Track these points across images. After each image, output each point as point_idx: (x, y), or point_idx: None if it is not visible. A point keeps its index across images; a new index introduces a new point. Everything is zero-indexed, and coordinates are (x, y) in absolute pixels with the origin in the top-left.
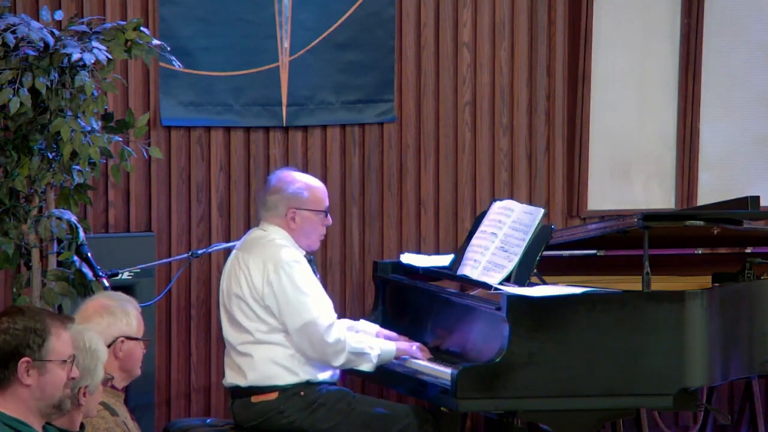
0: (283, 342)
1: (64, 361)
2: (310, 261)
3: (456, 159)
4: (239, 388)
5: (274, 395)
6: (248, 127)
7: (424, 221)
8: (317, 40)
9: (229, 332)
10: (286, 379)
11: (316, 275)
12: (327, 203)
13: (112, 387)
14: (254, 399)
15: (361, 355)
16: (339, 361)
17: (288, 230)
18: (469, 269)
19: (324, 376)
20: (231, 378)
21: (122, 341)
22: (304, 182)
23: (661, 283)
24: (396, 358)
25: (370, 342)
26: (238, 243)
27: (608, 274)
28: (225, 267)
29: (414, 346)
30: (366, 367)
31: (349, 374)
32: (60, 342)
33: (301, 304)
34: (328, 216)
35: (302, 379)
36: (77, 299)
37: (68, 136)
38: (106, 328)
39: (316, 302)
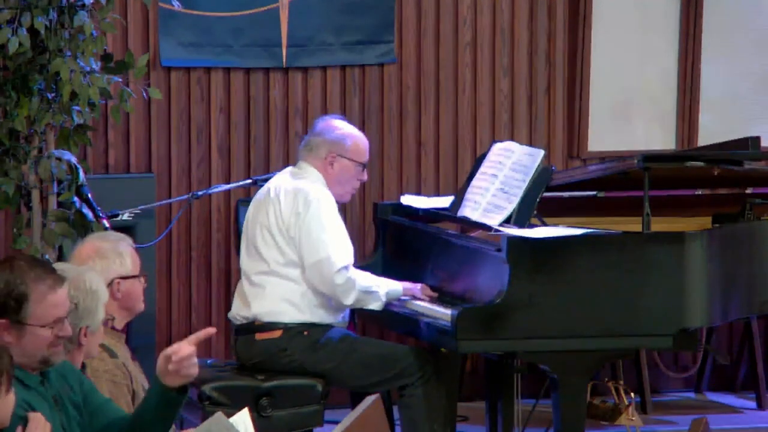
0: (296, 278)
1: (49, 325)
2: None
3: (456, 100)
4: (243, 323)
5: (278, 333)
6: (248, 68)
7: (425, 163)
8: None
9: (245, 262)
10: (292, 316)
11: None
12: (367, 157)
13: (113, 328)
14: (258, 336)
15: (370, 293)
16: (349, 299)
17: (324, 174)
18: (470, 211)
19: (331, 320)
20: (237, 309)
21: (119, 282)
22: (350, 131)
23: (661, 224)
24: (404, 295)
25: (377, 281)
26: (272, 177)
27: (608, 216)
28: (254, 200)
29: (418, 286)
30: (375, 305)
31: (358, 317)
32: (42, 306)
33: (320, 241)
34: (365, 171)
35: (308, 320)
36: (77, 240)
37: (67, 77)
38: (101, 272)
39: (335, 242)
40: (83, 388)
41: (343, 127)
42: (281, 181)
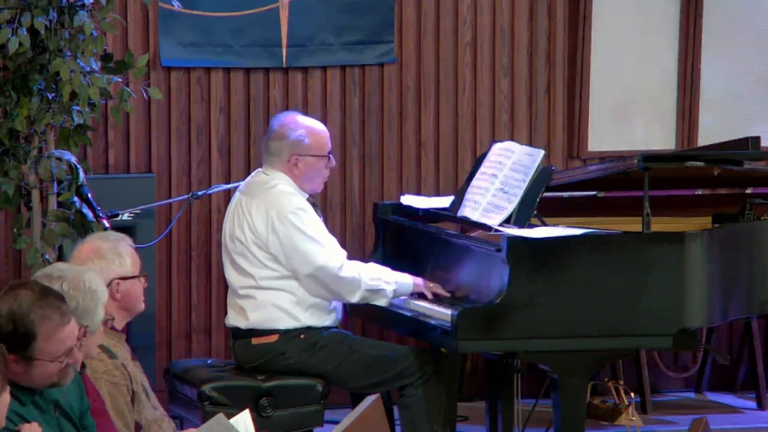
0: (287, 287)
1: (58, 358)
2: (313, 205)
3: (456, 100)
4: (240, 330)
5: (274, 337)
6: (248, 68)
7: (425, 163)
8: None
9: (231, 274)
10: (287, 323)
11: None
12: (329, 146)
13: (112, 328)
14: (254, 341)
15: (376, 291)
16: (355, 297)
17: (291, 176)
18: (470, 211)
19: (326, 321)
20: (233, 319)
21: (118, 283)
22: (306, 127)
23: (661, 224)
24: (413, 293)
25: (387, 276)
26: (241, 185)
27: (608, 216)
28: (228, 208)
29: (431, 285)
30: (381, 302)
31: (351, 317)
32: (50, 343)
33: (310, 251)
34: (332, 158)
35: (303, 324)
36: (77, 240)
37: (67, 77)
38: (100, 273)
39: (323, 246)
40: (82, 407)
41: (299, 125)
42: (250, 192)
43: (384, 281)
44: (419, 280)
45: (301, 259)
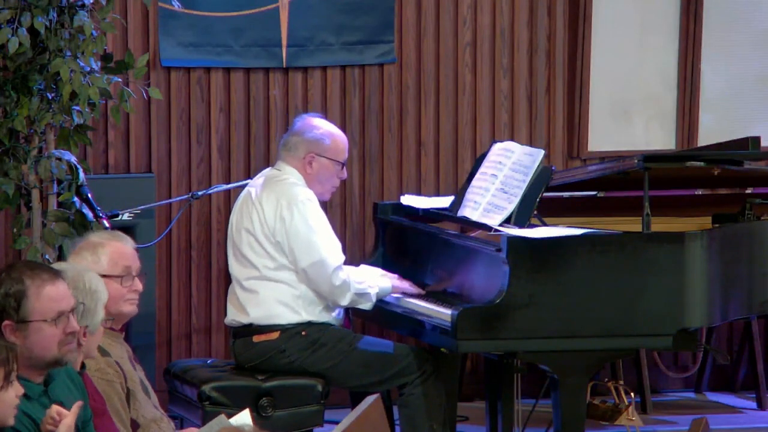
0: (289, 281)
1: (53, 319)
2: None
3: (456, 100)
4: (241, 327)
5: (275, 335)
6: (248, 68)
7: (425, 163)
8: None
9: (234, 267)
10: (288, 318)
11: None
12: (346, 155)
13: (111, 328)
14: (255, 339)
15: (363, 294)
16: (345, 300)
17: (303, 174)
18: (470, 211)
19: (327, 318)
20: (233, 315)
21: None
22: (328, 130)
23: (661, 224)
24: (393, 293)
25: (370, 281)
26: (252, 180)
27: (608, 216)
28: (236, 202)
29: (406, 284)
30: (366, 306)
31: (352, 316)
32: (42, 301)
33: (311, 243)
34: (345, 169)
35: (304, 320)
36: (77, 240)
37: (67, 77)
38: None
39: (325, 242)
40: (86, 415)
41: (321, 126)
42: (261, 185)
43: (368, 284)
44: (397, 282)
45: (302, 250)
